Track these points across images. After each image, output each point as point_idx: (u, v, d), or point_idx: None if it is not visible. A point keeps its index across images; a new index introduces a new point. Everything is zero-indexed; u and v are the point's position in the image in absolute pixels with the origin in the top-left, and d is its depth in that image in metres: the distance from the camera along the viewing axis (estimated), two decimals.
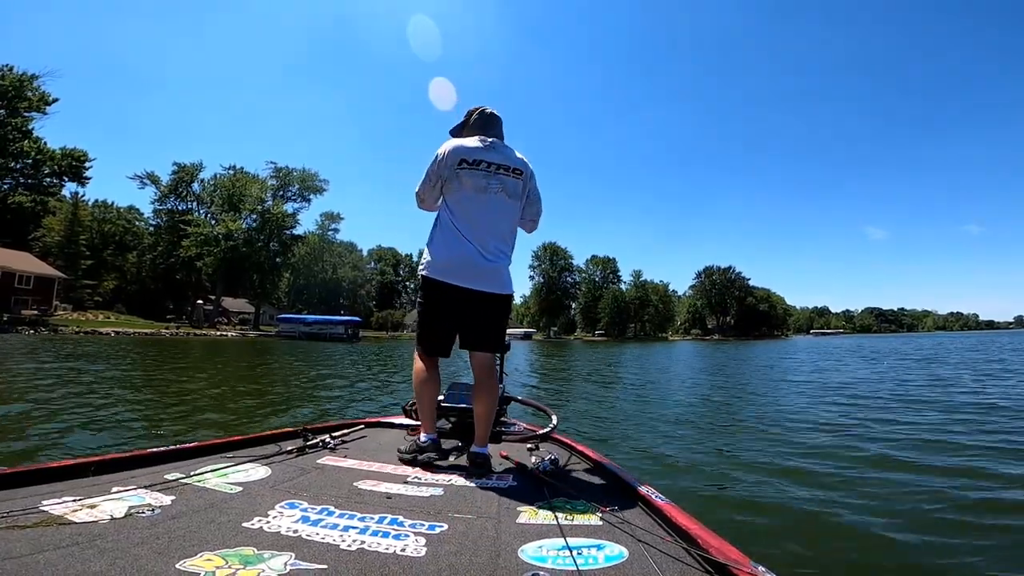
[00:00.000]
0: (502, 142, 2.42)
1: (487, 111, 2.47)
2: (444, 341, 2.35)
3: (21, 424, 5.69)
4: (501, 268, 2.29)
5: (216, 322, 54.21)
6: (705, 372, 16.99)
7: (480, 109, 2.47)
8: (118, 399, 7.84)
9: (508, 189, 2.31)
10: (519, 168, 2.36)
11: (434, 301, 2.30)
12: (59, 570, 1.06)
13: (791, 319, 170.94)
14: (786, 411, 8.11)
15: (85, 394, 8.05)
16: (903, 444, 5.48)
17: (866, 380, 12.83)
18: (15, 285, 39.56)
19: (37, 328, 32.85)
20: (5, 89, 44.06)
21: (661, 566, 1.25)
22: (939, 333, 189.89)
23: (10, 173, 48.18)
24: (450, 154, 2.28)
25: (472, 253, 2.23)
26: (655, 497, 1.74)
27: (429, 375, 2.35)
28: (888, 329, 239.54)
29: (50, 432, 5.31)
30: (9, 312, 35.79)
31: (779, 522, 3.30)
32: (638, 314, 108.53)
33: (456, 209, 2.28)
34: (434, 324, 2.32)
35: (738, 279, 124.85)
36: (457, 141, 2.35)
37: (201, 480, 1.79)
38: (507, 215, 2.33)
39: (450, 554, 1.29)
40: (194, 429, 5.92)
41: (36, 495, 1.51)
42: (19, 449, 4.64)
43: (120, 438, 5.22)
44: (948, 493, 3.78)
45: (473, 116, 2.45)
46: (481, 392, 2.32)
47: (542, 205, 2.52)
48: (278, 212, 56.71)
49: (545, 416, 3.08)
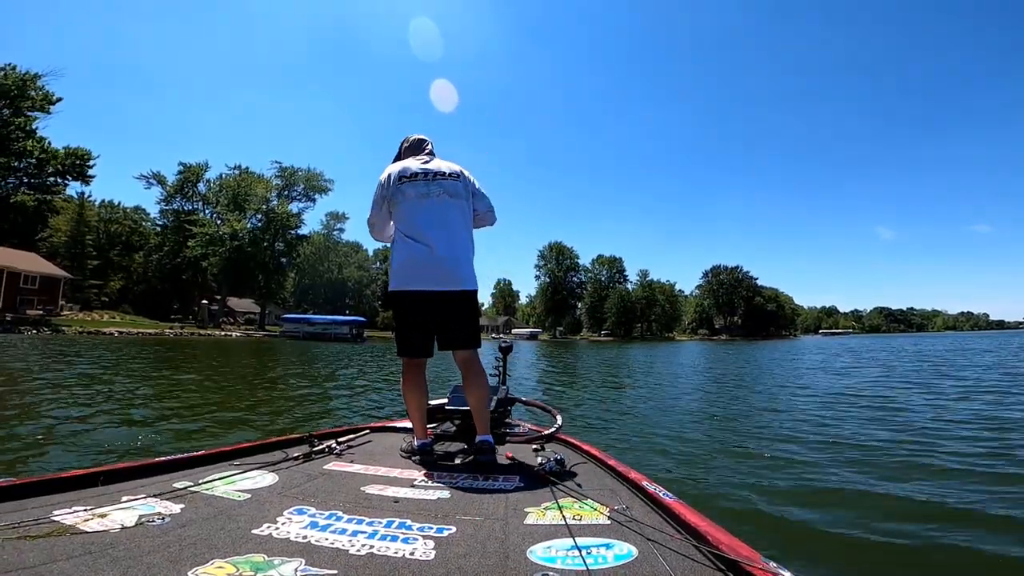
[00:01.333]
0: (435, 156, 2.62)
1: (413, 137, 2.69)
2: (420, 344, 2.43)
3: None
4: (458, 267, 2.38)
5: (221, 322, 54.21)
6: (714, 372, 16.57)
7: (408, 137, 2.69)
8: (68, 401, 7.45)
9: (450, 191, 2.44)
10: (455, 172, 2.51)
11: (402, 311, 2.41)
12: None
13: (799, 319, 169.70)
14: (795, 412, 7.95)
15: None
16: (924, 445, 5.30)
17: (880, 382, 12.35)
18: (20, 285, 39.57)
19: (39, 328, 32.71)
20: (7, 88, 43.85)
21: (671, 564, 1.25)
22: (949, 333, 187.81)
23: (13, 172, 47.95)
24: (392, 175, 2.46)
25: (423, 254, 2.33)
26: (663, 495, 1.72)
27: (414, 381, 2.46)
28: (897, 329, 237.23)
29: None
30: (14, 312, 35.82)
31: (790, 519, 3.27)
32: (644, 314, 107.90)
33: (404, 220, 2.40)
34: (405, 331, 2.43)
35: (745, 279, 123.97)
36: (396, 164, 2.54)
37: (209, 488, 1.79)
38: (455, 214, 2.44)
39: (459, 556, 1.29)
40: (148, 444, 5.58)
41: (47, 505, 1.51)
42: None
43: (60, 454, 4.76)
44: (974, 497, 3.62)
45: (404, 145, 2.67)
46: (469, 385, 2.43)
47: (490, 199, 2.65)
48: (283, 212, 56.62)
49: (550, 417, 3.13)
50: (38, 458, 4.44)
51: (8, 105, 44.35)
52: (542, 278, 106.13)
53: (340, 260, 79.86)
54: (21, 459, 4.38)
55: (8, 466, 4.14)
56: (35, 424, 5.75)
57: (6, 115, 44.57)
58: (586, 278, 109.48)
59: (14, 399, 7.56)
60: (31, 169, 49.10)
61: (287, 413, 7.59)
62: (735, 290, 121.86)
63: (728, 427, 6.60)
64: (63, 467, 3.88)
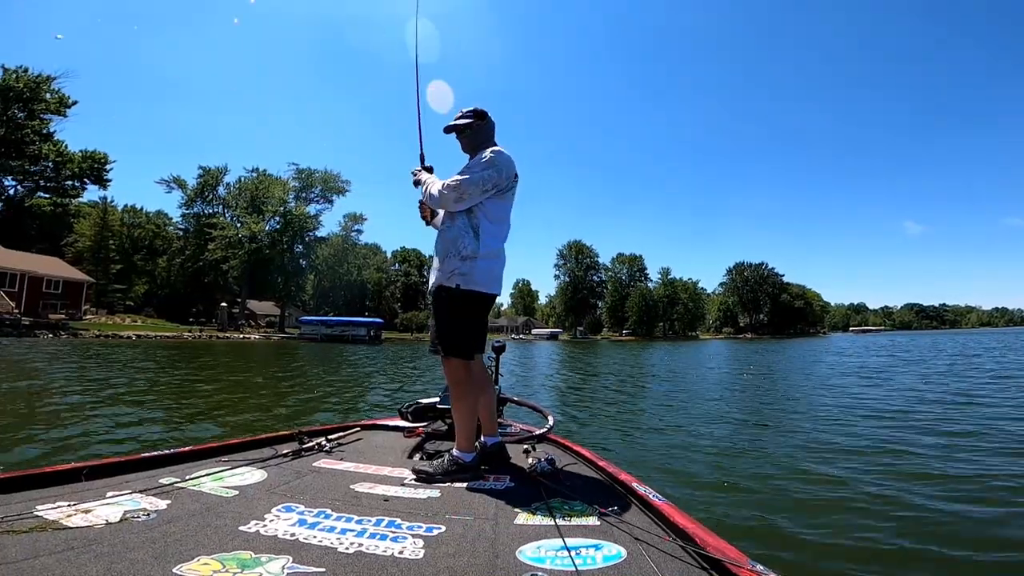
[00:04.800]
0: None
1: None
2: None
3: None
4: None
5: (240, 325, 54.32)
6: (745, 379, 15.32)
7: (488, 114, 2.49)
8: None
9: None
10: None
11: (483, 311, 2.33)
12: (55, 575, 1.06)
13: (827, 316, 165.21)
14: (804, 411, 7.84)
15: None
16: (919, 453, 5.10)
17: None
18: (43, 290, 39.94)
19: (57, 332, 32.64)
20: (20, 91, 43.36)
21: (659, 565, 1.25)
22: (984, 330, 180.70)
23: (30, 176, 47.77)
24: (512, 167, 2.35)
25: (504, 262, 2.40)
26: (653, 497, 1.72)
27: (484, 375, 2.42)
28: (929, 326, 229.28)
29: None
30: (36, 316, 36.03)
31: (779, 522, 3.28)
32: (667, 313, 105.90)
33: (501, 221, 2.33)
34: (480, 330, 2.34)
35: (771, 275, 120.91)
36: (509, 154, 2.36)
37: (196, 484, 1.76)
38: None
39: (448, 556, 1.28)
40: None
41: (30, 500, 1.49)
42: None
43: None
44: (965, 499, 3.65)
45: (491, 121, 2.48)
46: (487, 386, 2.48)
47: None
48: (300, 213, 56.49)
49: (541, 417, 3.08)
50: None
51: (21, 108, 43.93)
52: (562, 277, 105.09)
53: (359, 262, 79.79)
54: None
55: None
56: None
57: (20, 118, 44.15)
58: (606, 277, 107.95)
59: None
60: (48, 172, 48.90)
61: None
62: (760, 287, 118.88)
63: (733, 429, 6.45)
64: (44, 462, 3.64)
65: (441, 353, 2.22)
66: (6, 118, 42.60)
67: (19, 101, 43.44)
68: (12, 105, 42.97)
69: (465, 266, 2.19)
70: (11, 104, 42.85)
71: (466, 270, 2.18)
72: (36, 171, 47.79)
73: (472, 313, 2.24)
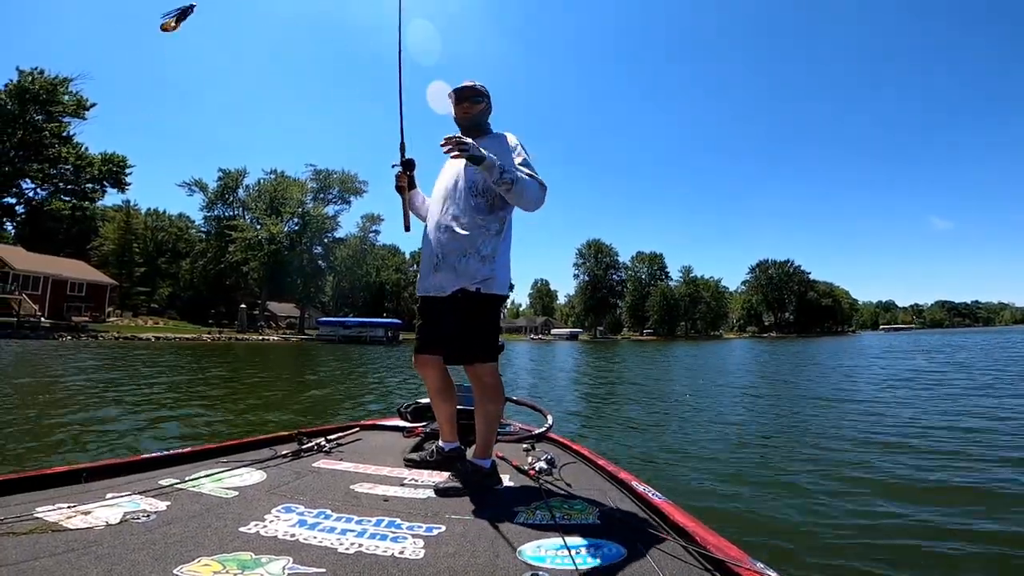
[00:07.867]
0: None
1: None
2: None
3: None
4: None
5: (260, 326, 54.51)
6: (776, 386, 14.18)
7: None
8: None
9: None
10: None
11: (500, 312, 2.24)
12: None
13: (856, 315, 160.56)
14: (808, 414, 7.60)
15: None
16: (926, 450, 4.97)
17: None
18: (67, 292, 40.43)
19: (77, 334, 32.75)
20: (36, 93, 43.06)
21: (660, 564, 1.25)
22: (1019, 327, 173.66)
23: (50, 179, 47.68)
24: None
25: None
26: (653, 495, 1.71)
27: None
28: (962, 324, 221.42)
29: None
30: (60, 318, 36.39)
31: (780, 521, 3.22)
32: (688, 312, 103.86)
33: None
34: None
35: (797, 272, 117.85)
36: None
37: (196, 485, 1.76)
38: None
39: (448, 555, 1.29)
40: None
41: (30, 502, 1.49)
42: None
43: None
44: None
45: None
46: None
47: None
48: (318, 214, 56.46)
49: (541, 416, 3.06)
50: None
51: (39, 110, 43.74)
52: (581, 277, 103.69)
53: (377, 263, 79.74)
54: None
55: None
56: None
57: (38, 120, 43.95)
58: (626, 276, 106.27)
59: None
60: (68, 175, 48.85)
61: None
62: (785, 285, 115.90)
63: (735, 433, 6.17)
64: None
65: (478, 360, 2.00)
66: (24, 121, 42.60)
67: (36, 103, 43.26)
68: (29, 107, 42.82)
69: (487, 268, 2.03)
70: (28, 106, 42.72)
71: (488, 272, 2.03)
72: (55, 174, 47.71)
73: (496, 315, 2.11)
